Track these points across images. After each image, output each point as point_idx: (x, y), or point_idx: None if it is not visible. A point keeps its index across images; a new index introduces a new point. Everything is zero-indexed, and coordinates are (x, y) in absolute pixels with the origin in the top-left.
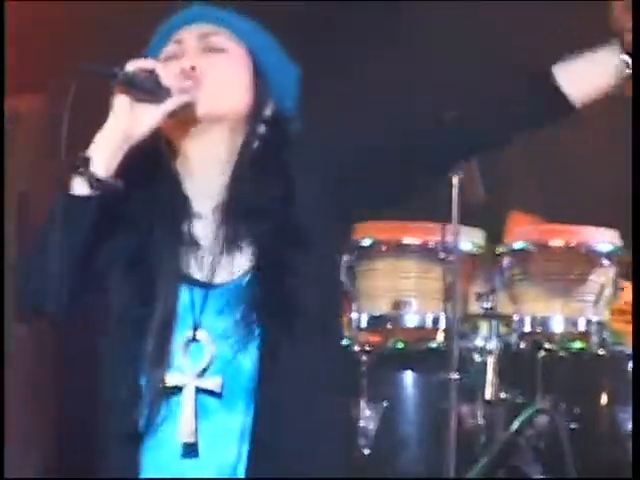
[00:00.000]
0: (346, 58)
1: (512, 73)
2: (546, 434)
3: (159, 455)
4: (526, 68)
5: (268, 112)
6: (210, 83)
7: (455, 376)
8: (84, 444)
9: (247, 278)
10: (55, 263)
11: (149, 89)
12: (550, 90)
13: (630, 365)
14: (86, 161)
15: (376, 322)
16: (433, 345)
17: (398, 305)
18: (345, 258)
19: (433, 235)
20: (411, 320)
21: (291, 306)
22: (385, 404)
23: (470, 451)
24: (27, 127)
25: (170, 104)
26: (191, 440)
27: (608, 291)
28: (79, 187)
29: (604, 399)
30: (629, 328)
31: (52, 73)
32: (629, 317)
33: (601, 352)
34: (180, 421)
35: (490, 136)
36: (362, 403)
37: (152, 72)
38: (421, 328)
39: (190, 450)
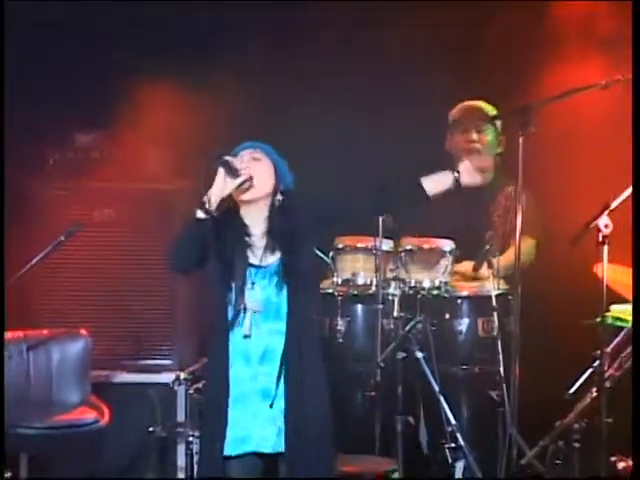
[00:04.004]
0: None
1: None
2: (421, 332)
3: (235, 335)
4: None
5: (281, 188)
6: (255, 176)
7: (380, 306)
8: (201, 331)
9: (277, 262)
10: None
11: (232, 169)
12: (419, 188)
13: (459, 301)
14: (204, 203)
15: (344, 282)
16: (370, 292)
17: (354, 274)
18: (331, 254)
19: (371, 242)
20: (360, 280)
21: (299, 274)
22: (348, 319)
23: (387, 340)
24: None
25: (239, 180)
26: (248, 334)
27: (449, 268)
28: (200, 214)
29: (447, 315)
30: (459, 284)
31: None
32: (460, 278)
33: (446, 295)
34: (243, 324)
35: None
36: (338, 318)
37: (232, 162)
38: (364, 285)
39: (248, 336)
